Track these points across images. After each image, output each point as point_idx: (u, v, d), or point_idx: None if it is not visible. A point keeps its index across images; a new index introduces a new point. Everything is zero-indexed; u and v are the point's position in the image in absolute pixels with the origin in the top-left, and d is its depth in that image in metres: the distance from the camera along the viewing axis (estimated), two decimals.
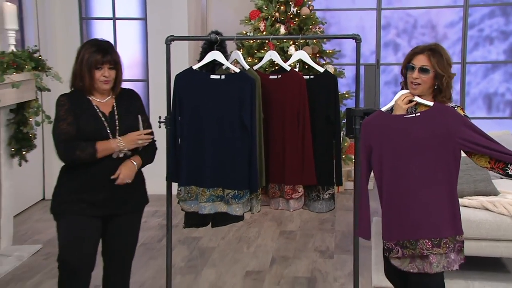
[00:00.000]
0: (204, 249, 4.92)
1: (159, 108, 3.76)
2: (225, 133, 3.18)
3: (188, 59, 6.28)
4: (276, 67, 3.53)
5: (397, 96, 2.88)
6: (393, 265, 2.85)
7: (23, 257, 4.68)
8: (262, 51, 6.38)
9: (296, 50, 3.74)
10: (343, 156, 6.55)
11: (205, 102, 3.20)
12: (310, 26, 6.56)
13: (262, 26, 6.50)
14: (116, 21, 6.59)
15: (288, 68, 3.35)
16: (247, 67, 3.32)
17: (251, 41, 6.48)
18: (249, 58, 6.36)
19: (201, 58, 3.40)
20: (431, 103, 2.79)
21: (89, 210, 2.98)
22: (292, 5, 6.55)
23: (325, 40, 6.81)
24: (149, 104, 6.39)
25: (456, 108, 2.82)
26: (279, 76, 3.32)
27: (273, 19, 6.52)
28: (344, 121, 5.24)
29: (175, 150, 3.28)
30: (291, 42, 6.33)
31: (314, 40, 6.51)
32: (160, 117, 3.34)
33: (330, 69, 6.40)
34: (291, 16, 6.55)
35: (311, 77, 3.34)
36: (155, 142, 3.18)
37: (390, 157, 2.78)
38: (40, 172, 6.37)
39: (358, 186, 2.93)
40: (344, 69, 6.85)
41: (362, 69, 6.70)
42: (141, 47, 6.66)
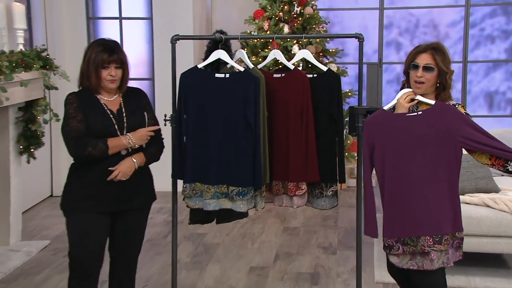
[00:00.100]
0: (209, 245, 4.92)
1: (165, 106, 3.76)
2: (230, 131, 3.17)
3: (193, 58, 6.28)
4: (280, 66, 3.52)
5: (400, 95, 2.87)
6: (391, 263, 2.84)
7: (32, 253, 4.70)
8: (266, 50, 6.37)
9: (300, 49, 3.73)
10: (346, 154, 6.54)
11: (210, 101, 3.20)
12: (314, 26, 6.55)
13: (266, 26, 6.49)
14: (123, 21, 6.59)
15: (292, 67, 3.34)
16: (252, 66, 3.31)
17: (255, 40, 6.48)
18: (253, 57, 6.35)
19: (206, 57, 3.40)
20: (433, 102, 2.78)
21: (98, 207, 2.97)
22: (296, 5, 6.54)
23: (328, 39, 6.80)
24: (155, 103, 6.39)
25: (457, 106, 2.82)
26: (283, 75, 3.32)
27: (277, 19, 6.51)
28: (347, 119, 5.24)
29: (181, 148, 3.28)
30: (295, 41, 6.32)
31: (318, 39, 6.50)
32: (166, 115, 3.33)
33: (333, 68, 6.39)
34: (295, 16, 6.54)
35: (315, 76, 3.33)
36: (163, 141, 3.18)
37: (392, 155, 2.77)
38: (48, 169, 6.38)
39: (361, 184, 2.93)
40: (347, 68, 6.84)
41: (365, 68, 6.68)
42: (147, 46, 6.66)
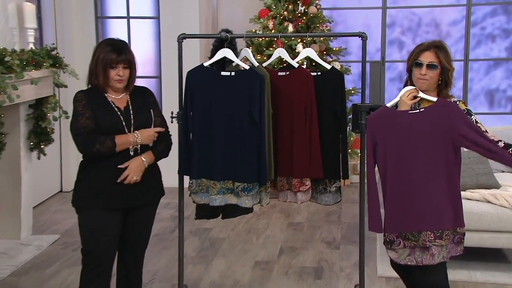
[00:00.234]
0: (215, 240, 4.92)
1: (172, 104, 3.76)
2: (235, 128, 3.17)
3: (199, 57, 6.27)
4: (285, 64, 3.52)
5: (402, 92, 2.86)
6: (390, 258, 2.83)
7: (42, 246, 4.71)
8: (271, 49, 6.35)
9: (304, 48, 3.71)
10: (349, 150, 6.52)
11: (216, 98, 3.19)
12: (318, 25, 6.53)
13: (271, 25, 6.48)
14: (130, 20, 6.58)
15: (296, 65, 3.33)
16: (257, 64, 3.30)
17: (260, 39, 6.46)
18: (258, 56, 6.34)
19: (212, 55, 3.38)
20: (435, 99, 2.77)
21: (109, 203, 2.97)
22: (300, 4, 6.52)
23: (332, 38, 6.77)
24: (162, 100, 6.39)
25: (458, 103, 2.82)
26: (288, 73, 3.31)
27: (282, 18, 6.49)
28: (350, 117, 5.23)
29: (187, 145, 3.27)
30: (299, 40, 6.30)
31: (321, 38, 6.48)
32: (172, 113, 3.33)
33: (337, 66, 6.37)
34: (299, 15, 6.52)
35: (318, 74, 3.32)
36: (170, 137, 3.18)
37: (394, 151, 2.76)
38: (58, 165, 6.39)
39: (364, 180, 2.92)
40: (350, 66, 6.83)
41: (368, 66, 6.65)
42: (154, 45, 6.65)
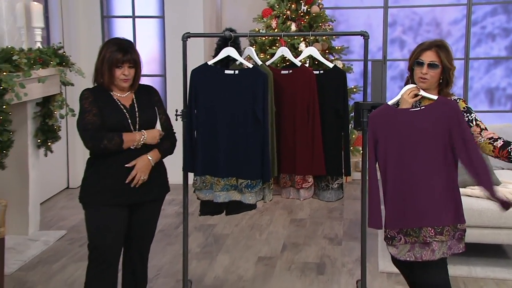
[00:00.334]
0: (219, 236, 4.92)
1: (176, 102, 3.75)
2: (239, 126, 3.16)
3: (204, 55, 6.27)
4: (287, 63, 3.51)
5: (403, 91, 2.85)
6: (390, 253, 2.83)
7: (49, 242, 4.72)
8: (274, 48, 6.35)
9: (307, 47, 3.71)
10: (351, 148, 6.51)
11: (220, 96, 3.19)
12: (320, 24, 6.51)
13: (274, 24, 6.47)
14: (136, 19, 6.59)
15: (299, 64, 3.32)
16: (260, 63, 3.30)
17: (264, 38, 6.45)
18: (262, 54, 6.33)
19: (216, 54, 3.38)
20: (435, 97, 2.77)
21: (116, 200, 2.97)
22: (303, 4, 6.51)
23: (334, 37, 6.76)
24: (166, 98, 6.39)
25: (459, 101, 2.80)
26: (290, 71, 3.30)
27: (285, 17, 6.48)
28: (352, 114, 5.22)
29: (191, 142, 3.27)
30: (302, 39, 6.29)
31: (324, 37, 6.47)
32: (177, 110, 3.33)
33: (339, 65, 6.35)
34: (302, 14, 6.51)
35: (321, 72, 3.31)
36: (175, 135, 3.18)
37: (395, 149, 2.76)
38: (65, 162, 6.40)
39: (366, 177, 2.91)
40: (352, 65, 6.80)
41: (370, 65, 6.65)
42: (159, 44, 6.65)
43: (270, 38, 6.43)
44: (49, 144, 4.91)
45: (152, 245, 3.25)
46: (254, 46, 6.43)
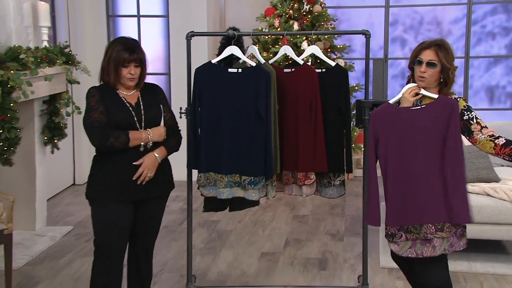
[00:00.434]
0: (222, 232, 4.92)
1: (180, 100, 3.76)
2: (242, 123, 3.16)
3: (207, 54, 6.26)
4: (290, 61, 3.50)
5: (405, 89, 2.84)
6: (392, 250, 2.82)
7: (56, 237, 4.73)
8: (277, 46, 6.34)
9: (309, 45, 3.70)
10: (353, 145, 6.50)
11: (223, 94, 3.19)
12: (322, 23, 6.50)
13: (277, 23, 6.46)
14: (141, 18, 6.58)
15: (301, 62, 3.32)
16: (263, 61, 3.29)
17: (267, 37, 6.44)
18: (265, 53, 6.32)
19: (220, 53, 3.37)
20: (436, 96, 2.76)
21: (122, 196, 2.97)
22: (305, 3, 6.49)
23: (336, 36, 6.74)
24: (171, 96, 6.38)
25: (459, 99, 2.79)
26: (293, 70, 3.30)
27: (287, 16, 6.47)
28: (354, 112, 5.21)
29: (195, 139, 3.27)
30: (304, 38, 6.27)
31: (326, 36, 6.46)
32: (181, 108, 3.33)
33: (341, 63, 6.34)
34: (304, 13, 6.49)
35: (323, 71, 3.31)
36: (180, 132, 3.17)
37: (396, 147, 2.75)
38: (71, 159, 6.41)
39: (367, 174, 2.90)
40: (354, 63, 6.79)
41: (371, 63, 6.63)
42: (164, 43, 6.65)
43: (273, 37, 6.42)
44: (56, 141, 4.91)
45: (157, 241, 3.25)
46: (257, 45, 6.42)
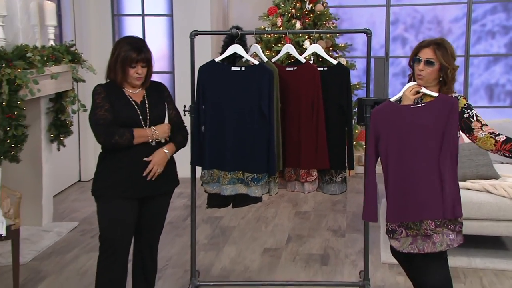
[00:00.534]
0: (226, 228, 4.92)
1: (184, 98, 3.75)
2: (245, 121, 3.16)
3: (211, 52, 6.26)
4: (292, 60, 3.50)
5: (405, 88, 2.84)
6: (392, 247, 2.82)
7: (62, 233, 4.74)
8: (279, 45, 6.33)
9: (311, 44, 3.70)
10: (354, 143, 6.50)
11: (227, 92, 3.18)
12: (324, 22, 6.49)
13: (279, 22, 6.45)
14: (145, 18, 6.58)
15: (304, 61, 3.31)
16: (266, 60, 3.29)
17: (269, 36, 6.44)
18: (267, 51, 6.32)
19: (223, 51, 3.37)
20: (436, 94, 2.75)
21: (127, 193, 2.97)
22: (307, 2, 6.49)
23: (338, 35, 6.73)
24: (175, 94, 6.38)
25: (459, 98, 2.78)
26: (295, 68, 3.29)
27: (290, 15, 6.46)
28: (356, 110, 5.21)
29: (199, 137, 3.27)
30: (306, 37, 6.27)
31: (328, 35, 6.45)
32: (185, 106, 3.33)
33: (343, 62, 6.33)
34: (306, 12, 6.49)
35: (325, 69, 3.31)
36: (186, 128, 3.17)
37: (396, 144, 2.74)
38: (77, 156, 6.42)
39: (366, 171, 2.90)
40: (356, 62, 6.78)
41: (372, 62, 6.62)
42: (168, 41, 6.65)
43: (276, 36, 6.41)
44: (62, 139, 4.92)
45: (161, 237, 3.25)
46: (260, 44, 6.42)
